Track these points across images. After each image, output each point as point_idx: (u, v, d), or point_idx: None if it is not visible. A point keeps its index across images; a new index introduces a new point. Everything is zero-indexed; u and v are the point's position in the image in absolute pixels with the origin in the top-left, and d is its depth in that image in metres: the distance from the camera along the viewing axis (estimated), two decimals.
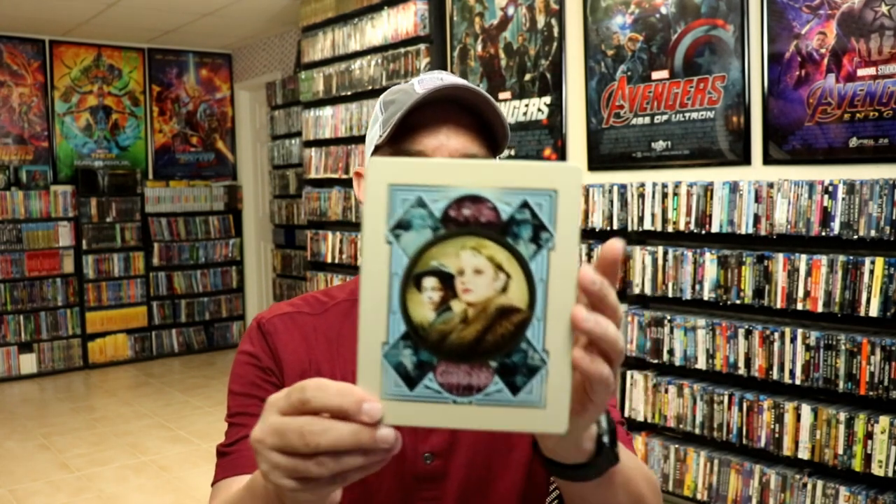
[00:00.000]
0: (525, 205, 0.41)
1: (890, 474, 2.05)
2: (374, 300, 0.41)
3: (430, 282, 0.41)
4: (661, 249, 2.58)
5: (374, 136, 0.79)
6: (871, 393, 2.08)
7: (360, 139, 3.86)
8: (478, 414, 0.41)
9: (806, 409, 2.22)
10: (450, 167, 0.42)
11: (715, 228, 2.44)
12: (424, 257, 0.41)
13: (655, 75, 2.68)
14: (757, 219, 2.33)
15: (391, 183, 0.41)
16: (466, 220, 0.41)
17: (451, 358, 0.41)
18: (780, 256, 2.28)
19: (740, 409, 2.37)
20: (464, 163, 0.42)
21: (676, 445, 2.57)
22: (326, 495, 0.45)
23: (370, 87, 3.82)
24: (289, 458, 0.42)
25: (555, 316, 0.41)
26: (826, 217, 2.18)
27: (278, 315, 0.82)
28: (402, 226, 0.41)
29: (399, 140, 0.75)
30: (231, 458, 0.77)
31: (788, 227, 2.26)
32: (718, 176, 2.49)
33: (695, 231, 2.50)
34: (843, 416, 2.14)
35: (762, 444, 2.32)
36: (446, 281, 0.41)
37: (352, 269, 4.02)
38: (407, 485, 0.76)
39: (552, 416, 0.41)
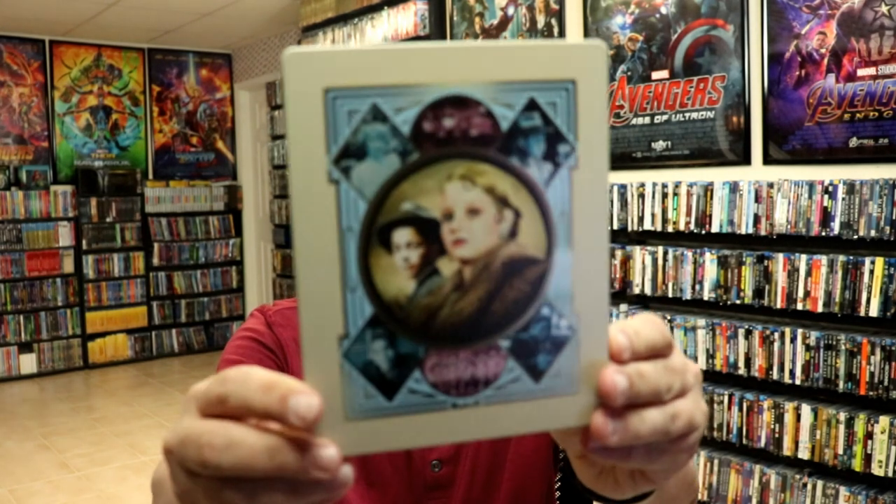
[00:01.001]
0: (532, 105, 0.29)
1: (890, 474, 2.05)
2: (319, 273, 0.28)
3: (403, 235, 0.28)
4: (661, 249, 2.58)
5: None
6: (871, 393, 2.08)
7: None
8: (488, 418, 0.30)
9: (806, 409, 2.22)
10: (416, 55, 0.27)
11: (715, 228, 2.44)
12: (392, 199, 0.28)
13: (655, 75, 2.68)
14: (757, 219, 2.33)
15: (328, 87, 0.27)
16: (450, 135, 0.28)
17: (446, 343, 0.29)
18: (780, 256, 2.28)
19: (740, 409, 2.37)
20: (435, 46, 0.28)
21: None
22: None
23: None
24: (190, 480, 0.29)
25: (585, 261, 0.30)
26: (826, 217, 2.18)
27: (284, 309, 0.76)
28: (351, 153, 0.27)
29: None
30: None
31: (788, 227, 2.26)
32: (718, 176, 2.49)
33: (695, 231, 2.50)
34: (843, 416, 2.14)
35: (762, 444, 2.32)
36: (428, 231, 0.28)
37: None
38: (416, 494, 0.72)
39: (587, 401, 0.30)
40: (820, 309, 2.19)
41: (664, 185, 2.58)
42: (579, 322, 0.30)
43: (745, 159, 2.45)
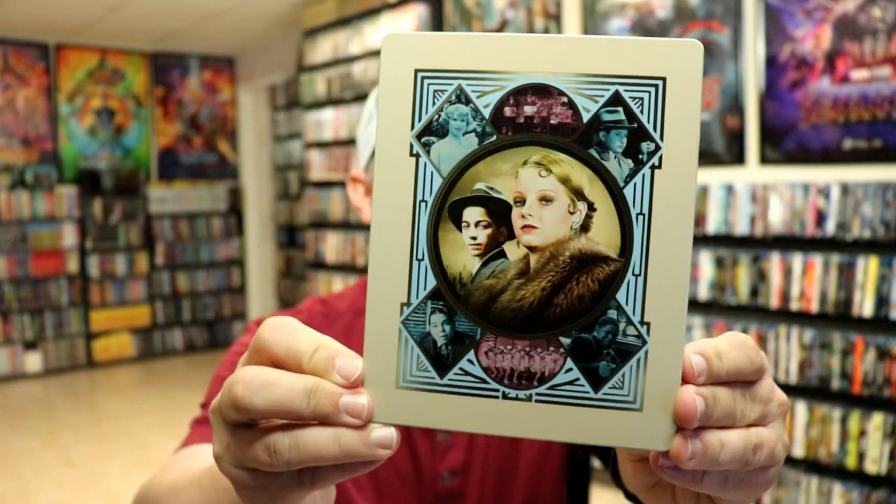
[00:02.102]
0: (617, 99, 0.28)
1: (883, 471, 2.07)
2: (391, 240, 0.29)
3: (473, 213, 0.29)
4: None
5: (372, 134, 0.70)
6: (864, 391, 2.11)
7: None
8: (540, 417, 0.29)
9: (801, 407, 2.25)
10: (503, 43, 0.29)
11: (711, 229, 2.47)
12: (466, 177, 0.29)
13: None
14: (752, 219, 2.36)
15: (419, 68, 0.29)
16: (529, 122, 0.29)
17: (503, 329, 0.29)
18: (776, 256, 2.31)
19: None
20: (523, 38, 0.29)
21: None
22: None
23: (371, 90, 3.85)
24: (233, 433, 0.29)
25: (662, 269, 0.28)
26: (820, 218, 2.21)
27: None
28: (433, 131, 0.29)
29: None
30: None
31: (783, 227, 2.29)
32: (714, 177, 2.52)
33: None
34: (837, 414, 2.17)
35: None
36: (498, 213, 0.29)
37: (352, 269, 4.05)
38: None
39: (652, 423, 0.28)
40: (814, 308, 2.21)
41: None
42: (650, 333, 0.28)
43: (740, 160, 2.48)
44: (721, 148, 2.53)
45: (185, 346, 5.66)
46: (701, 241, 2.55)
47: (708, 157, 2.57)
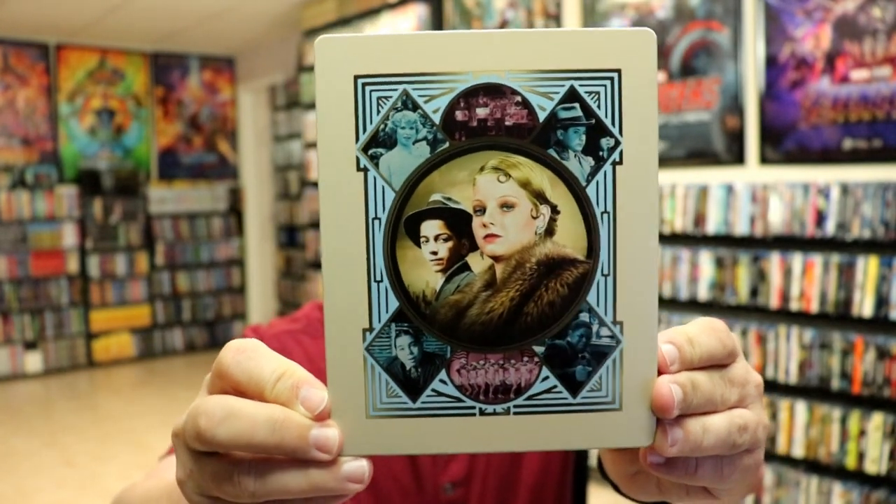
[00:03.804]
0: (573, 95, 0.27)
1: (883, 471, 2.07)
2: (345, 264, 0.27)
3: (431, 227, 0.28)
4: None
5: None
6: (864, 391, 2.11)
7: None
8: (519, 429, 0.28)
9: (800, 407, 2.25)
10: (449, 42, 0.27)
11: (711, 229, 2.47)
12: (421, 189, 0.27)
13: None
14: (752, 219, 2.36)
15: (359, 74, 0.27)
16: (483, 125, 0.27)
17: (474, 345, 0.28)
18: (775, 257, 2.31)
19: None
20: (471, 35, 0.27)
21: None
22: None
23: None
24: (196, 463, 0.29)
25: (630, 266, 0.28)
26: (820, 218, 2.21)
27: (280, 332, 0.71)
28: (380, 141, 0.27)
29: None
30: None
31: (783, 227, 2.29)
32: (714, 177, 2.52)
33: (691, 232, 2.53)
34: (836, 413, 2.17)
35: None
36: (458, 224, 0.28)
37: None
38: None
39: (632, 421, 0.28)
40: (814, 308, 2.21)
41: (661, 187, 2.62)
42: (623, 332, 0.28)
43: (740, 161, 2.48)
44: (721, 148, 2.53)
45: (185, 346, 5.66)
46: (701, 241, 2.55)
47: (708, 157, 2.57)
